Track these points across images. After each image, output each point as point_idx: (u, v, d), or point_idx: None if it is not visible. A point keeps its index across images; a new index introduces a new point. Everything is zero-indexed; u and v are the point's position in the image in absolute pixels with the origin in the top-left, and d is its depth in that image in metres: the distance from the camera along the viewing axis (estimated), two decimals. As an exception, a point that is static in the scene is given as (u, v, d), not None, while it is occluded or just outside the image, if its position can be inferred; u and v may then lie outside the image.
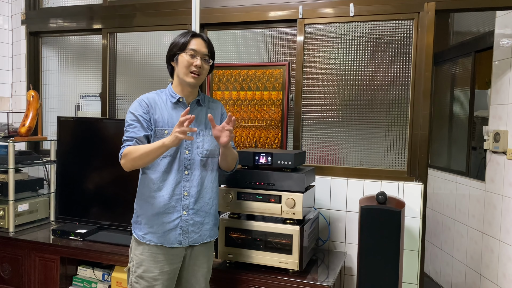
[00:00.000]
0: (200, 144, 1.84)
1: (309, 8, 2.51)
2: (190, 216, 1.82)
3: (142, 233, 1.81)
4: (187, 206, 1.81)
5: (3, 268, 2.63)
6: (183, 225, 1.80)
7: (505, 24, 2.62)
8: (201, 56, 1.80)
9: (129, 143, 1.76)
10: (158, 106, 1.82)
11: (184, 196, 1.81)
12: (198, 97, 1.88)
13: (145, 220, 1.81)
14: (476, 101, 3.23)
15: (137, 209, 1.86)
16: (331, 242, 2.51)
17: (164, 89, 1.89)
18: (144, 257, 1.79)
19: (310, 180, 2.22)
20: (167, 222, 1.79)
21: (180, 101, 1.84)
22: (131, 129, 1.78)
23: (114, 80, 3.11)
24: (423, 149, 2.34)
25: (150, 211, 1.80)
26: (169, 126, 1.80)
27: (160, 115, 1.80)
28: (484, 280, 2.79)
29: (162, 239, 1.78)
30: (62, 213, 2.77)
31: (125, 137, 1.79)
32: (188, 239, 1.82)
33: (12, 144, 2.66)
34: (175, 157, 1.80)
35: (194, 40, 1.79)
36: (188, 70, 1.78)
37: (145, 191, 1.82)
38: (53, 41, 3.37)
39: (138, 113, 1.79)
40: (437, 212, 3.67)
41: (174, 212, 1.80)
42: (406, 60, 2.40)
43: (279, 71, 2.59)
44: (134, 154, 1.72)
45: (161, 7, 2.86)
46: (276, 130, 2.62)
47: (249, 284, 2.05)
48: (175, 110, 1.83)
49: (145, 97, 1.84)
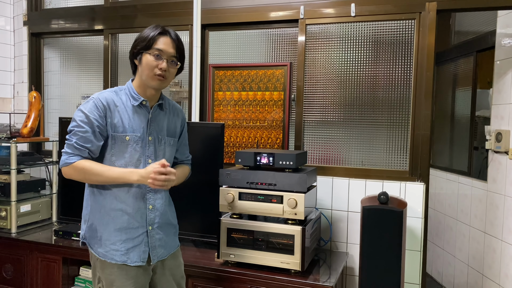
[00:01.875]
0: (161, 152, 1.70)
1: (310, 9, 2.51)
2: (156, 231, 1.68)
3: (104, 251, 1.62)
4: (153, 221, 1.67)
5: (6, 269, 2.63)
6: (150, 241, 1.66)
7: (506, 23, 2.62)
8: (168, 58, 1.61)
9: (80, 154, 1.57)
10: (118, 109, 1.62)
11: (149, 210, 1.66)
12: (161, 101, 1.72)
13: (106, 236, 1.62)
14: (478, 100, 3.23)
15: (94, 223, 1.65)
16: (333, 242, 2.51)
17: (122, 87, 1.70)
18: (114, 277, 1.62)
19: (311, 180, 2.22)
20: (131, 238, 1.63)
21: (143, 103, 1.65)
22: (82, 134, 1.57)
23: (115, 80, 3.12)
24: (425, 149, 2.33)
25: (111, 226, 1.62)
26: (130, 131, 1.62)
27: (120, 119, 1.62)
28: (486, 280, 2.78)
29: (125, 258, 1.61)
30: (64, 213, 2.78)
31: (74, 141, 1.57)
32: (157, 255, 1.68)
33: (14, 145, 2.66)
34: (139, 166, 1.63)
35: (161, 39, 1.60)
36: (152, 73, 1.60)
37: (106, 203, 1.63)
38: (55, 42, 3.38)
39: (93, 117, 1.58)
40: (439, 212, 3.66)
41: (138, 228, 1.64)
42: (408, 60, 2.39)
43: (281, 72, 2.60)
44: (87, 173, 1.56)
45: (163, 8, 2.86)
46: (277, 131, 2.62)
47: (251, 285, 2.05)
48: (136, 113, 1.64)
49: (102, 97, 1.62)
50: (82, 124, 1.58)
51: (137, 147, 1.64)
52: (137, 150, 1.64)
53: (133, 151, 1.63)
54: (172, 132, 1.78)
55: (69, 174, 1.60)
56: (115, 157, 1.63)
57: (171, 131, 1.78)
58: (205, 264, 2.14)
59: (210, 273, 2.12)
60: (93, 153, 1.61)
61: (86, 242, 1.70)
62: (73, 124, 1.60)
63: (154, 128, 1.69)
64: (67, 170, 1.59)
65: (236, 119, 2.71)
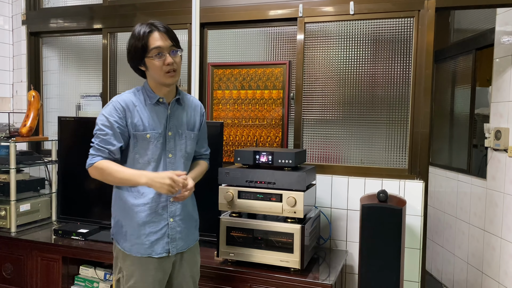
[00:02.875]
0: (183, 146, 1.76)
1: (309, 7, 2.51)
2: (177, 223, 1.74)
3: (129, 245, 1.69)
4: (174, 213, 1.73)
5: (6, 268, 2.64)
6: (170, 233, 1.72)
7: (505, 21, 2.62)
8: (168, 51, 1.63)
9: (101, 155, 1.64)
10: (137, 108, 1.68)
11: (170, 203, 1.72)
12: (178, 96, 1.76)
13: (130, 231, 1.69)
14: (477, 98, 3.23)
15: (120, 219, 1.73)
16: (332, 241, 2.51)
17: (140, 87, 1.75)
18: (134, 268, 1.69)
19: (311, 178, 2.22)
20: (154, 231, 1.69)
21: (160, 101, 1.71)
22: (103, 137, 1.64)
23: (114, 80, 3.12)
24: (424, 147, 2.33)
25: (135, 221, 1.69)
26: (150, 129, 1.68)
27: (140, 119, 1.67)
28: (486, 278, 2.79)
29: (150, 250, 1.69)
30: (63, 213, 2.78)
31: (96, 143, 1.65)
32: (176, 247, 1.74)
33: (14, 144, 2.66)
34: (159, 162, 1.70)
35: (152, 37, 1.61)
36: (162, 72, 1.63)
37: (129, 199, 1.70)
38: (54, 41, 3.38)
39: (113, 119, 1.64)
40: (438, 210, 3.66)
41: (161, 221, 1.71)
42: (407, 58, 2.39)
43: (280, 70, 2.59)
44: (104, 172, 1.63)
45: (161, 7, 2.86)
46: (276, 129, 2.62)
47: (250, 283, 2.05)
48: (155, 111, 1.70)
49: (121, 99, 1.68)
50: (103, 127, 1.65)
51: (158, 144, 1.70)
52: (158, 147, 1.70)
53: (154, 147, 1.69)
54: (192, 125, 1.82)
55: (92, 174, 1.67)
56: (138, 155, 1.69)
57: (191, 125, 1.82)
58: (205, 263, 2.14)
59: (209, 272, 2.12)
60: (114, 154, 1.66)
61: (113, 237, 1.77)
62: (96, 128, 1.68)
63: (174, 123, 1.74)
64: (91, 171, 1.66)
65: (235, 118, 2.71)
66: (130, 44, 1.66)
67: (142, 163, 1.69)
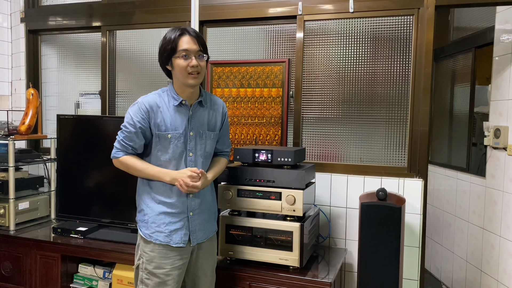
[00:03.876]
0: (203, 146, 1.86)
1: (308, 5, 2.51)
2: (196, 216, 1.85)
3: (149, 232, 1.81)
4: (194, 208, 1.85)
5: (4, 266, 2.63)
6: (190, 226, 1.84)
7: (505, 19, 2.61)
8: (195, 54, 1.75)
9: (125, 150, 1.80)
10: (161, 109, 1.79)
11: (190, 198, 1.84)
12: (201, 98, 1.86)
13: (152, 219, 1.82)
14: (476, 97, 3.23)
15: (143, 208, 1.86)
16: (331, 239, 2.52)
17: (165, 88, 1.86)
18: (155, 254, 1.80)
19: (310, 177, 2.22)
20: (173, 222, 1.81)
21: (183, 103, 1.81)
22: (127, 133, 1.79)
23: (113, 77, 3.11)
24: (423, 146, 2.33)
25: (157, 210, 1.82)
26: (172, 129, 1.79)
27: (162, 119, 1.79)
28: (485, 276, 2.79)
29: (168, 239, 1.80)
30: (62, 211, 2.77)
31: (121, 138, 1.81)
32: (197, 238, 1.86)
33: (12, 142, 2.66)
34: (180, 160, 1.82)
35: (183, 40, 1.74)
36: (186, 72, 1.74)
37: (152, 191, 1.83)
38: (53, 39, 3.37)
39: (136, 119, 1.78)
40: (437, 208, 3.67)
41: (181, 213, 1.82)
42: (406, 56, 2.39)
43: (279, 68, 2.59)
44: (130, 168, 1.81)
45: (160, 4, 2.85)
46: (276, 127, 2.62)
47: (250, 281, 2.06)
48: (177, 112, 1.81)
49: (146, 100, 1.80)
50: (128, 125, 1.79)
51: (179, 143, 1.80)
52: (179, 146, 1.80)
53: (175, 146, 1.80)
54: (213, 126, 1.92)
55: (117, 165, 1.85)
56: (160, 152, 1.81)
57: (212, 125, 1.92)
58: (204, 261, 2.14)
59: (208, 270, 2.12)
60: (136, 150, 1.82)
61: (138, 224, 1.88)
62: (123, 123, 1.81)
63: (195, 124, 1.84)
64: (115, 162, 1.85)
65: (234, 116, 2.70)
66: (161, 45, 1.79)
67: (164, 160, 1.81)
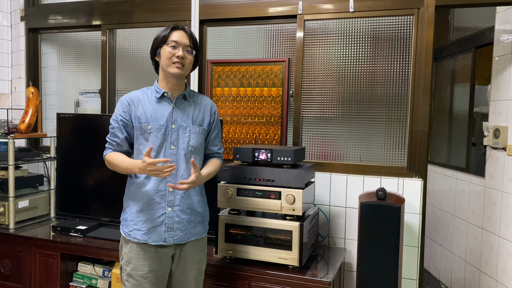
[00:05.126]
0: (186, 139, 1.81)
1: (308, 4, 2.51)
2: (176, 213, 1.79)
3: (128, 230, 1.79)
4: (172, 203, 1.79)
5: (4, 265, 2.64)
6: (168, 222, 1.78)
7: (505, 19, 2.62)
8: (183, 47, 1.77)
9: (110, 147, 1.83)
10: (142, 103, 1.81)
11: (169, 192, 1.78)
12: (184, 92, 1.85)
13: (131, 217, 1.80)
14: (476, 97, 3.23)
15: (125, 206, 1.86)
16: (331, 238, 2.52)
17: (150, 86, 1.88)
18: (132, 255, 1.77)
19: (309, 176, 2.22)
20: (151, 218, 1.77)
21: (165, 95, 1.81)
22: (112, 130, 1.83)
23: (113, 76, 3.11)
24: (423, 145, 2.34)
25: (135, 207, 1.79)
26: (152, 121, 1.78)
27: (143, 112, 1.79)
28: (484, 276, 2.80)
29: (146, 237, 1.76)
30: (62, 209, 2.77)
31: (108, 137, 1.84)
32: (173, 237, 1.78)
33: (12, 141, 2.66)
34: (160, 152, 1.78)
35: (175, 33, 1.78)
36: (170, 61, 1.76)
37: (131, 187, 1.82)
38: (53, 38, 3.36)
39: (118, 113, 1.81)
40: (436, 208, 3.67)
41: (159, 209, 1.77)
42: (406, 56, 2.39)
43: (279, 67, 2.59)
44: (111, 164, 1.81)
45: (161, 3, 2.85)
46: (275, 126, 2.62)
47: (249, 280, 2.06)
48: (159, 104, 1.81)
49: (127, 96, 1.84)
50: (112, 121, 1.83)
51: (159, 135, 1.77)
52: (158, 137, 1.77)
53: (154, 138, 1.77)
54: (199, 121, 1.88)
55: (107, 165, 1.84)
56: (142, 146, 1.79)
57: (198, 120, 1.87)
58: (203, 260, 2.14)
59: (208, 269, 2.11)
60: (121, 146, 1.83)
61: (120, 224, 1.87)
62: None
63: (178, 117, 1.82)
64: (106, 163, 1.84)
65: (234, 115, 2.71)
66: (155, 37, 1.81)
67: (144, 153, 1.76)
